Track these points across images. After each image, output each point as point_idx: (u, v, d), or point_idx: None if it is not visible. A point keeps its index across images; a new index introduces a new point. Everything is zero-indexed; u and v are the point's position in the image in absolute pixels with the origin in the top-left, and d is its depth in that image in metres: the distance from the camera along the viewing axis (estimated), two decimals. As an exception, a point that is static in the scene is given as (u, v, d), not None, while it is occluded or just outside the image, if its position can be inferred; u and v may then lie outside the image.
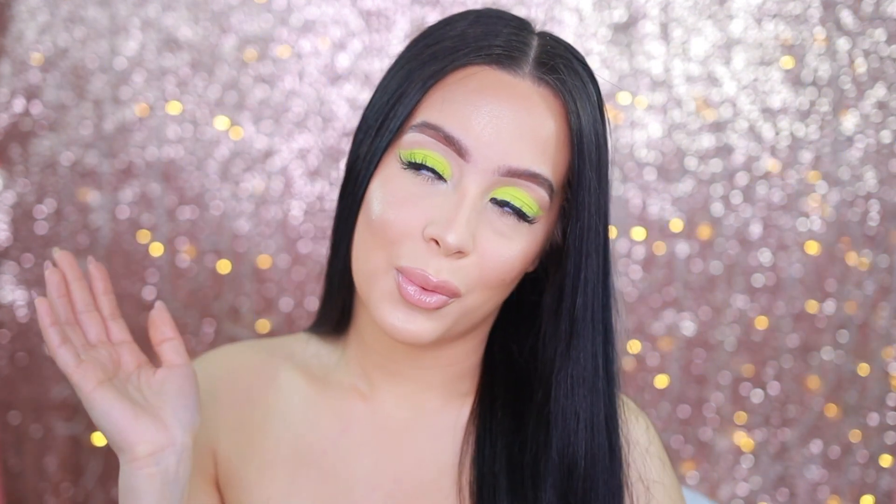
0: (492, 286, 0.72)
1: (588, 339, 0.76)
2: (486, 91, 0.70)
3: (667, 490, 0.81)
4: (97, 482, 1.55)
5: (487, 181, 0.70)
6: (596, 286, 0.75)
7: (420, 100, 0.72)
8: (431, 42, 0.74)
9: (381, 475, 0.79)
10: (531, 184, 0.70)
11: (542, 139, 0.71)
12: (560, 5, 1.53)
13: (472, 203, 0.69)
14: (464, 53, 0.72)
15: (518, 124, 0.70)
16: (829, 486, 1.60)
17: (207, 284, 1.55)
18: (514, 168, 0.70)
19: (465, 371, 0.83)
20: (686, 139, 1.56)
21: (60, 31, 1.50)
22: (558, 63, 0.73)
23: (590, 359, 0.76)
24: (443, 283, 0.69)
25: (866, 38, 1.55)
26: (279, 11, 1.52)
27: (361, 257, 0.74)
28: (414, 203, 0.70)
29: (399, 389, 0.81)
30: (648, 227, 1.57)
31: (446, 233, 0.68)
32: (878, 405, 1.59)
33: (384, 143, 0.73)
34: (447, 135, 0.70)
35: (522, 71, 0.72)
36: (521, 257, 0.72)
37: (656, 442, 0.84)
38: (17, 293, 1.53)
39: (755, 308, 1.58)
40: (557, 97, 0.72)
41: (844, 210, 1.57)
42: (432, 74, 0.72)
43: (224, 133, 1.53)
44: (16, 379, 1.54)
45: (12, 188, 1.52)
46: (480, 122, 0.69)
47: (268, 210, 1.54)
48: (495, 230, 0.71)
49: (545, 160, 0.71)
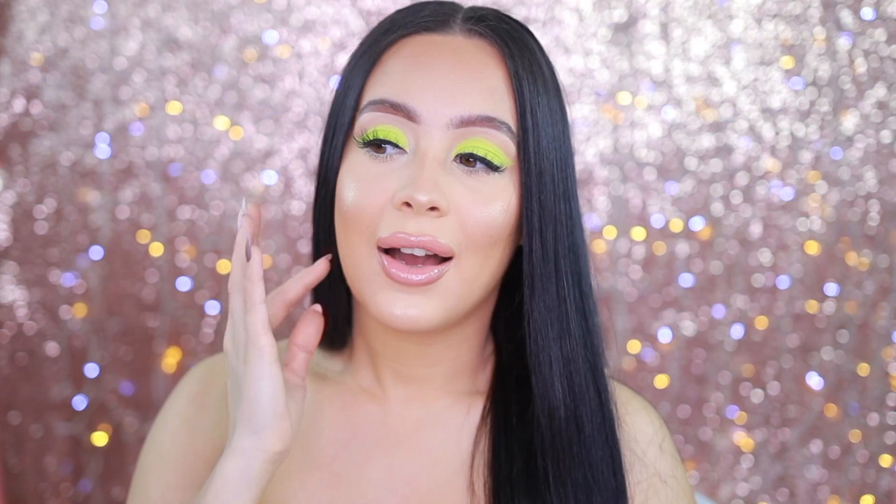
0: (480, 245, 0.71)
1: (552, 282, 0.73)
2: (420, 53, 0.72)
3: (679, 484, 0.80)
4: (97, 482, 1.55)
5: (445, 137, 0.70)
6: (558, 228, 0.73)
7: (363, 86, 0.74)
8: (366, 39, 0.77)
9: (394, 478, 0.78)
10: (489, 129, 0.70)
11: (487, 86, 0.71)
12: (560, 5, 1.53)
13: (434, 160, 0.69)
14: (393, 31, 0.74)
15: (458, 75, 0.71)
16: (829, 486, 1.60)
17: (207, 284, 1.55)
18: (465, 116, 0.70)
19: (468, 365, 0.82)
20: (686, 139, 1.56)
21: (60, 31, 1.50)
22: (486, 13, 0.74)
23: (555, 303, 0.74)
24: (428, 239, 0.68)
25: (866, 38, 1.55)
26: (279, 11, 1.52)
27: (346, 251, 0.73)
28: (380, 182, 0.70)
29: (409, 390, 0.81)
30: (648, 227, 1.57)
31: (414, 191, 0.68)
32: (878, 405, 1.59)
33: (342, 138, 0.74)
34: (393, 103, 0.70)
35: (452, 29, 0.74)
36: (501, 211, 0.71)
37: (668, 437, 0.82)
38: (17, 293, 1.53)
39: (755, 308, 1.58)
40: (493, 45, 0.73)
41: (844, 210, 1.57)
42: (369, 58, 0.74)
43: (224, 133, 1.53)
44: (16, 379, 1.54)
45: (12, 188, 1.52)
46: (422, 82, 0.70)
47: (268, 210, 1.54)
48: (468, 187, 0.71)
49: (495, 104, 0.71)
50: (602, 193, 1.57)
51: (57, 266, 1.53)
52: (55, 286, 1.53)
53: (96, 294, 1.54)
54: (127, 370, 1.54)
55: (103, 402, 1.54)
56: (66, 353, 1.54)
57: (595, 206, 1.57)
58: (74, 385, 1.54)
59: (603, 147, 1.56)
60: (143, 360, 1.54)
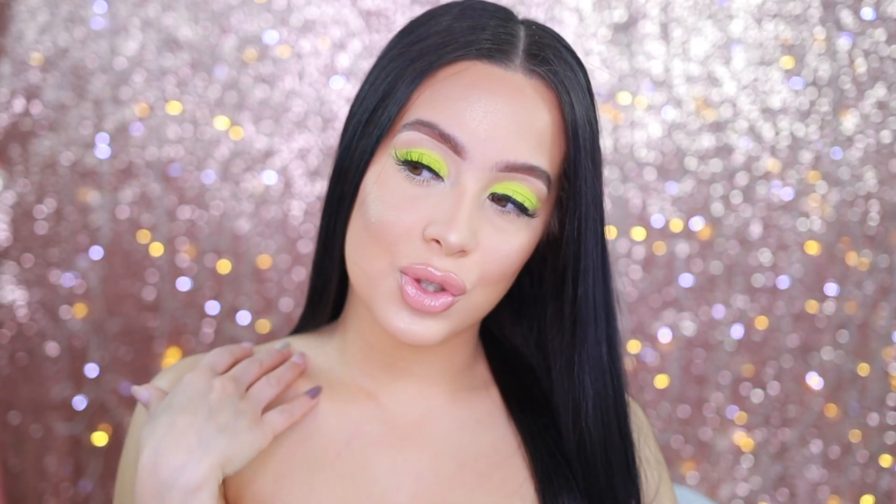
0: (493, 282, 0.72)
1: (591, 324, 0.76)
2: (479, 86, 0.70)
3: (660, 467, 0.85)
4: (97, 482, 1.55)
5: (486, 177, 0.70)
6: (597, 273, 0.76)
7: (410, 96, 0.71)
8: (417, 38, 0.74)
9: (400, 474, 0.78)
10: (529, 177, 0.70)
11: (537, 132, 0.71)
12: (560, 5, 1.53)
13: (471, 201, 0.69)
14: (452, 49, 0.71)
15: (513, 118, 0.70)
16: (829, 486, 1.60)
17: (207, 284, 1.55)
18: (511, 163, 0.69)
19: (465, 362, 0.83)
20: (686, 139, 1.56)
21: (60, 31, 1.50)
22: (548, 53, 0.72)
23: (594, 344, 0.77)
24: (448, 278, 0.69)
25: (866, 38, 1.55)
26: (279, 11, 1.52)
27: (360, 260, 0.73)
28: (412, 204, 0.70)
29: (405, 387, 0.81)
30: (648, 227, 1.57)
31: (448, 232, 0.67)
32: (878, 405, 1.59)
33: (375, 140, 0.73)
34: (442, 132, 0.69)
35: (513, 64, 0.72)
36: (522, 252, 0.73)
37: (648, 426, 0.88)
38: (17, 293, 1.53)
39: (755, 308, 1.58)
40: (550, 88, 0.72)
41: (844, 210, 1.57)
42: (422, 71, 0.71)
43: (224, 133, 1.53)
44: (16, 379, 1.54)
45: (12, 188, 1.52)
46: (475, 117, 0.69)
47: (268, 210, 1.54)
48: (495, 227, 0.71)
49: (542, 152, 0.71)
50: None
51: (57, 266, 1.53)
52: (55, 286, 1.53)
53: (96, 294, 1.54)
54: (127, 370, 1.54)
55: (103, 402, 1.54)
56: (66, 353, 1.54)
57: (595, 206, 1.57)
58: (74, 385, 1.54)
59: (603, 147, 1.56)
60: (143, 360, 1.54)
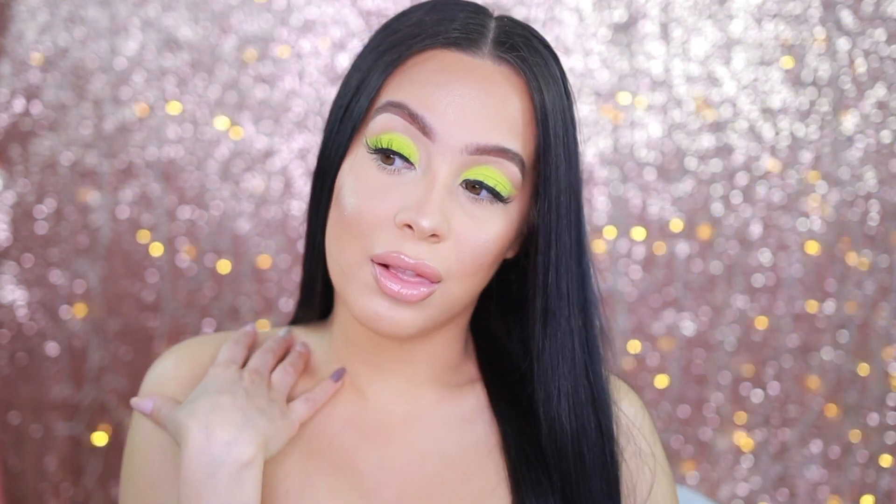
0: (469, 272, 0.72)
1: (564, 316, 0.75)
2: (447, 71, 0.71)
3: (658, 463, 0.82)
4: (97, 482, 1.55)
5: (456, 161, 0.70)
6: (569, 262, 0.74)
7: (382, 84, 0.72)
8: (390, 33, 0.75)
9: (386, 471, 0.78)
10: (502, 160, 0.70)
11: (509, 116, 0.71)
12: (560, 5, 1.53)
13: (442, 185, 0.69)
14: (421, 38, 0.72)
15: (482, 102, 0.70)
16: (829, 486, 1.60)
17: (207, 284, 1.55)
18: (482, 145, 0.70)
19: (451, 362, 0.83)
20: (686, 139, 1.56)
21: (60, 31, 1.50)
22: (517, 41, 0.73)
23: (567, 336, 0.75)
24: (421, 265, 0.69)
25: (866, 38, 1.55)
26: (279, 11, 1.52)
27: (335, 252, 0.74)
28: (385, 193, 0.70)
29: (389, 385, 0.81)
30: (648, 227, 1.57)
31: (419, 216, 0.67)
32: (878, 405, 1.59)
33: (349, 131, 0.74)
34: (412, 112, 0.70)
35: (482, 51, 0.72)
36: (498, 240, 0.72)
37: (647, 417, 0.86)
38: (17, 293, 1.53)
39: (755, 308, 1.58)
40: (519, 75, 0.72)
41: (844, 210, 1.57)
42: (391, 61, 0.72)
43: (224, 133, 1.53)
44: (16, 379, 1.54)
45: (12, 188, 1.52)
46: (444, 100, 0.70)
47: (268, 210, 1.54)
48: (469, 214, 0.71)
49: (514, 136, 0.71)
50: (602, 193, 1.57)
51: (57, 266, 1.53)
52: (55, 286, 1.53)
53: (96, 294, 1.54)
54: (127, 370, 1.54)
55: (103, 402, 1.54)
56: (66, 353, 1.54)
57: (595, 206, 1.57)
58: (74, 385, 1.54)
59: (603, 147, 1.56)
60: (143, 360, 1.54)
